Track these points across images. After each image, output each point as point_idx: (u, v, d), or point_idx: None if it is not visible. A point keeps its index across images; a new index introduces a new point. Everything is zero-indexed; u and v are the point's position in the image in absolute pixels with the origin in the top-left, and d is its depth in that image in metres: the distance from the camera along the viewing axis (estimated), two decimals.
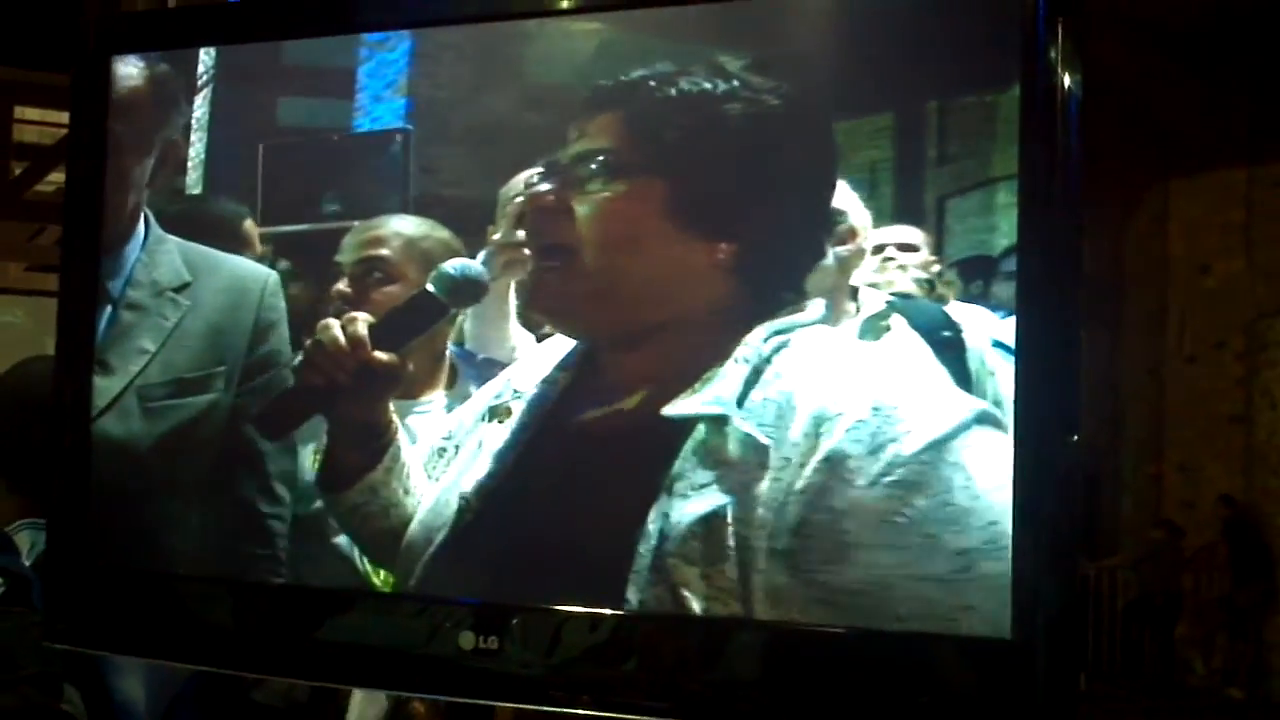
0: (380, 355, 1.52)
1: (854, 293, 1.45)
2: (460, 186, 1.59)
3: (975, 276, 1.37)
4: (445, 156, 1.60)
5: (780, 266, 1.43)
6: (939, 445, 1.31)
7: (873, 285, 1.43)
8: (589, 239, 1.46)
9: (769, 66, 1.43)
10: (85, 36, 1.69)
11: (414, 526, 1.54)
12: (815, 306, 1.41)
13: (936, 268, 1.38)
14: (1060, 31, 1.31)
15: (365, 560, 1.58)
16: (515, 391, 1.52)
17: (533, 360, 1.53)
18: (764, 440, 1.36)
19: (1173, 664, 11.44)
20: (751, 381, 1.38)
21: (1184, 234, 11.29)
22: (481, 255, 1.54)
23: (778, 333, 1.40)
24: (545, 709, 1.42)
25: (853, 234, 1.44)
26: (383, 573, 1.57)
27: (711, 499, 1.37)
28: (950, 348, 1.38)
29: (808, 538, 1.33)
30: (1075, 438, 1.31)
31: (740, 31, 1.48)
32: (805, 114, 1.44)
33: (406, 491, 1.55)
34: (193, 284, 1.66)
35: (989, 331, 1.35)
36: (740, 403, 1.38)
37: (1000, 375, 1.33)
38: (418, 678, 1.48)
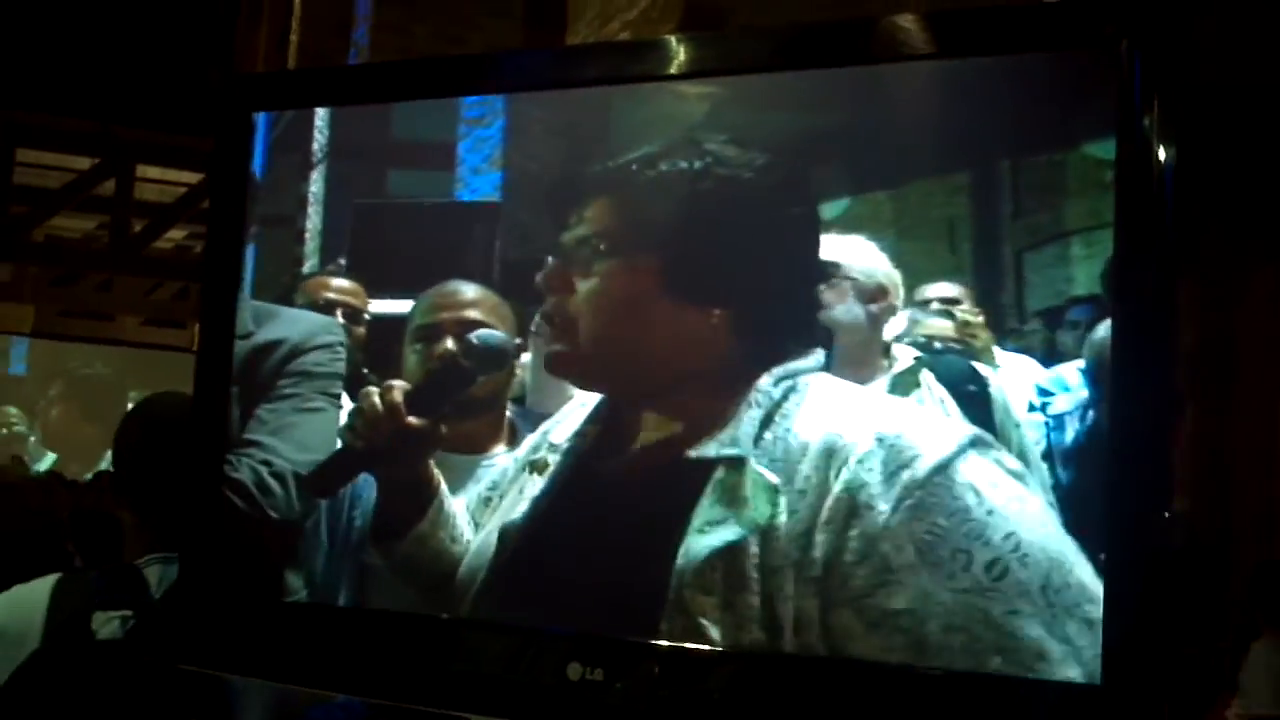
0: (414, 420, 1.65)
1: (886, 349, 1.52)
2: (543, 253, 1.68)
3: (1047, 327, 1.42)
4: (532, 224, 1.70)
5: (777, 320, 1.53)
6: (944, 468, 1.40)
7: (913, 339, 1.50)
8: (591, 314, 1.58)
9: (746, 140, 1.53)
10: (229, 93, 1.79)
11: (462, 570, 1.64)
12: (816, 354, 1.50)
13: (979, 318, 1.44)
14: (1155, 99, 1.35)
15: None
16: (551, 445, 1.63)
17: (567, 417, 1.64)
18: (773, 479, 1.45)
19: None
20: (765, 423, 1.48)
21: None
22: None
23: (785, 377, 1.49)
24: None
25: (883, 292, 1.51)
26: None
27: (728, 532, 1.46)
28: (976, 401, 1.45)
29: (848, 565, 1.41)
30: (1167, 514, 1.34)
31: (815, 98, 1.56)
32: (781, 183, 1.54)
33: (453, 540, 1.66)
34: (255, 333, 1.79)
35: (1021, 383, 1.41)
36: (756, 443, 1.47)
37: (1026, 427, 1.41)
38: (526, 705, 1.54)
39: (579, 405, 1.63)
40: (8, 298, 13.77)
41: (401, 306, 1.73)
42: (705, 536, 1.47)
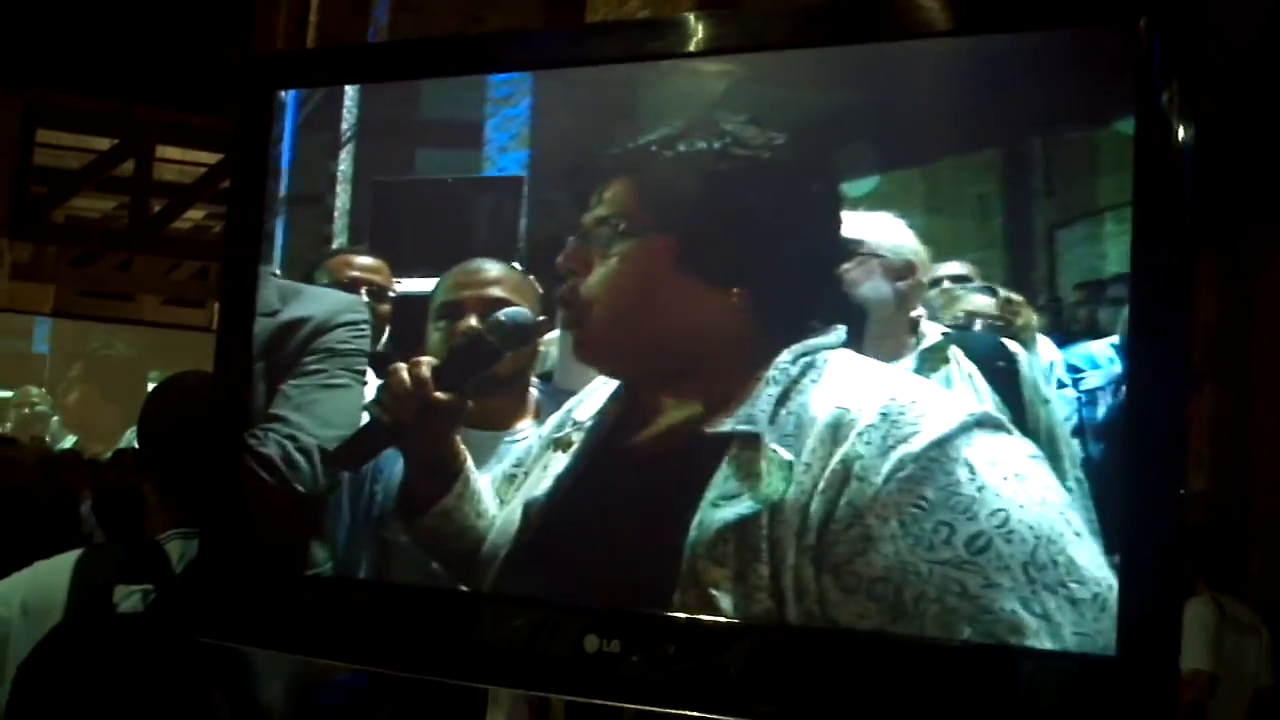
0: (440, 394, 1.65)
1: (914, 325, 1.53)
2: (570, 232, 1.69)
3: (1079, 304, 1.42)
4: (558, 202, 1.71)
5: (798, 299, 1.53)
6: (941, 444, 1.41)
7: (952, 315, 1.51)
8: (609, 295, 1.59)
9: (764, 120, 1.53)
10: (250, 72, 1.81)
11: (486, 545, 1.65)
12: (838, 331, 1.50)
13: (1021, 296, 1.45)
14: (1173, 77, 1.35)
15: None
16: (575, 422, 1.64)
17: (592, 394, 1.64)
18: (787, 455, 1.46)
19: None
20: (781, 400, 1.48)
21: None
22: None
23: (804, 354, 1.49)
24: (666, 711, 1.49)
25: (911, 269, 1.52)
26: None
27: (741, 506, 1.47)
28: (1005, 377, 1.45)
29: (834, 533, 1.42)
30: (1182, 490, 1.34)
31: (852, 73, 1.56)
32: (801, 162, 1.53)
33: (478, 515, 1.66)
34: (280, 310, 1.79)
35: (1051, 359, 1.42)
36: (772, 420, 1.48)
37: (1056, 404, 1.41)
38: (543, 677, 1.56)
39: (604, 382, 1.63)
40: (28, 277, 13.87)
41: (425, 285, 1.74)
42: (719, 510, 1.48)
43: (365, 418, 1.71)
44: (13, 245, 13.11)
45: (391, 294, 1.79)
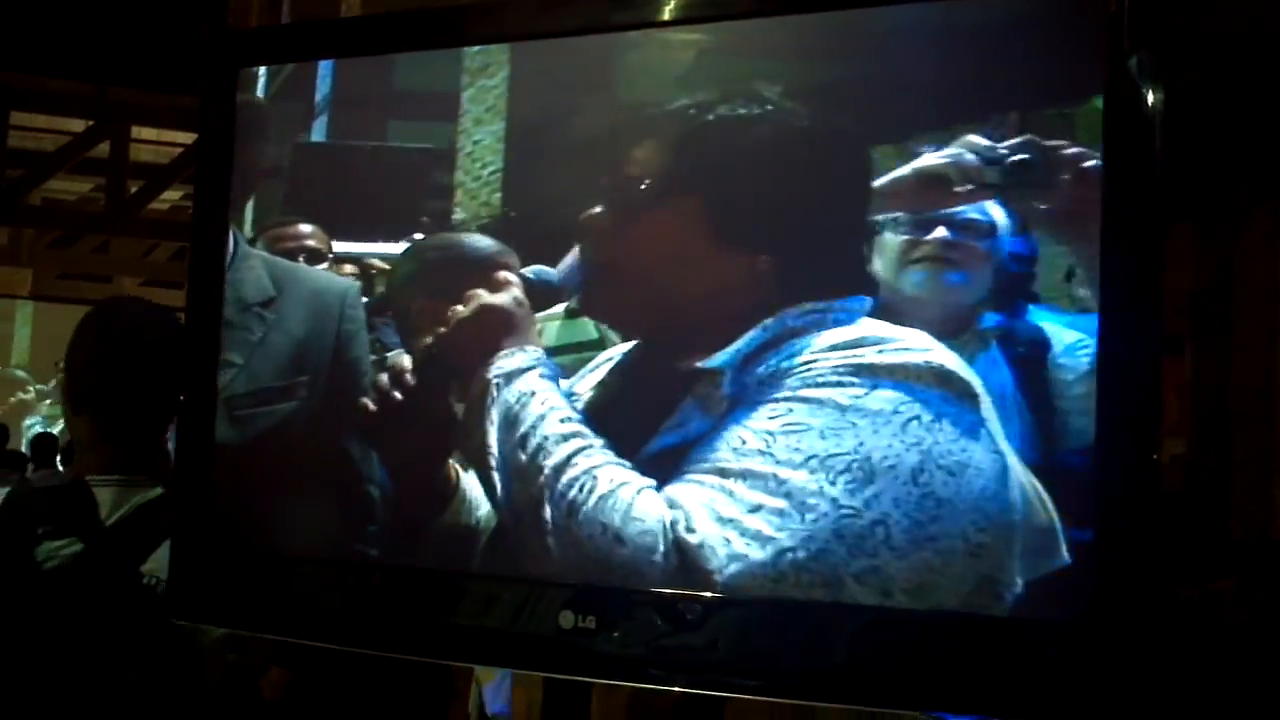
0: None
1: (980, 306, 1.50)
2: (549, 203, 1.66)
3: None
4: (537, 175, 1.69)
5: (822, 269, 1.51)
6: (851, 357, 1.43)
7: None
8: (636, 256, 1.58)
9: (801, 92, 1.51)
10: (215, 48, 1.79)
11: (478, 528, 1.62)
12: (862, 299, 1.47)
13: None
14: (1142, 47, 1.35)
15: None
16: (572, 395, 1.60)
17: (593, 369, 1.62)
18: (728, 391, 1.48)
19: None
20: (767, 345, 1.48)
21: None
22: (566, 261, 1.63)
23: (815, 312, 1.48)
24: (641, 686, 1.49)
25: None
26: None
27: (685, 432, 1.48)
28: (1030, 351, 1.43)
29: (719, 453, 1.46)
30: (1155, 456, 1.34)
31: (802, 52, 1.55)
32: (835, 133, 1.51)
33: (472, 515, 1.62)
34: (277, 298, 1.75)
35: (1065, 332, 1.41)
36: (746, 360, 1.48)
37: (1069, 373, 1.39)
38: (518, 655, 1.56)
39: (606, 359, 1.61)
40: (6, 261, 13.78)
41: (366, 247, 1.72)
42: (663, 437, 1.49)
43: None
44: None
45: (330, 256, 1.74)
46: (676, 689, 1.47)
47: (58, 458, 9.16)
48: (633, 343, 1.59)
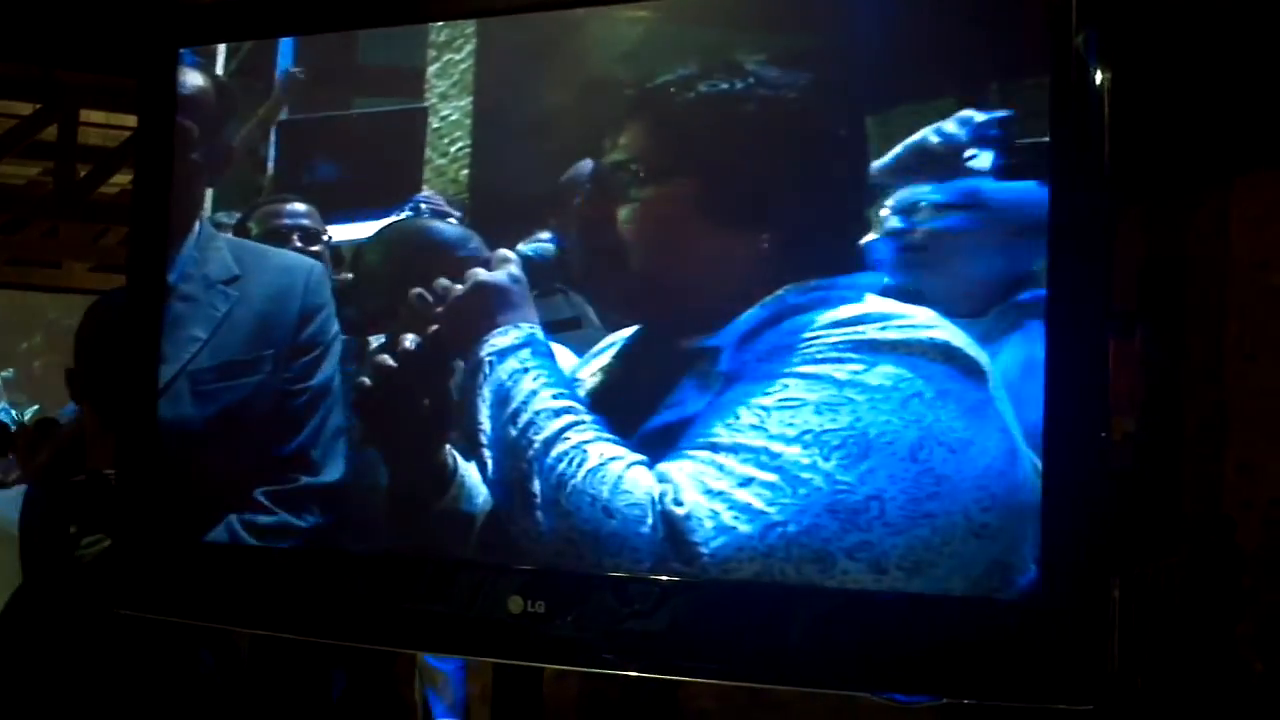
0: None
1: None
2: (519, 180, 1.64)
3: None
4: (507, 151, 1.66)
5: (825, 245, 1.48)
6: (855, 332, 1.42)
7: None
8: (631, 241, 1.55)
9: (785, 60, 1.49)
10: (153, 27, 1.75)
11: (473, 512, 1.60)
12: (870, 274, 1.45)
13: None
14: (1091, 25, 1.34)
15: None
16: (575, 381, 1.58)
17: (596, 356, 1.60)
18: (725, 368, 1.46)
19: (1232, 663, 11.29)
20: (768, 322, 1.45)
21: (1246, 231, 11.14)
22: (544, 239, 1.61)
23: (819, 289, 1.46)
24: (596, 671, 1.47)
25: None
26: None
27: (682, 410, 1.47)
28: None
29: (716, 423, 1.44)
30: (1104, 434, 1.34)
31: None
32: (826, 103, 1.49)
33: (469, 500, 1.60)
34: (241, 277, 1.76)
35: None
36: (745, 338, 1.46)
37: None
38: (469, 641, 1.54)
39: (610, 344, 1.59)
40: None
41: (358, 231, 1.70)
42: (660, 415, 1.48)
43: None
44: None
45: (326, 237, 1.74)
46: (630, 674, 1.45)
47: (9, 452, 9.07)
48: (635, 327, 1.58)
